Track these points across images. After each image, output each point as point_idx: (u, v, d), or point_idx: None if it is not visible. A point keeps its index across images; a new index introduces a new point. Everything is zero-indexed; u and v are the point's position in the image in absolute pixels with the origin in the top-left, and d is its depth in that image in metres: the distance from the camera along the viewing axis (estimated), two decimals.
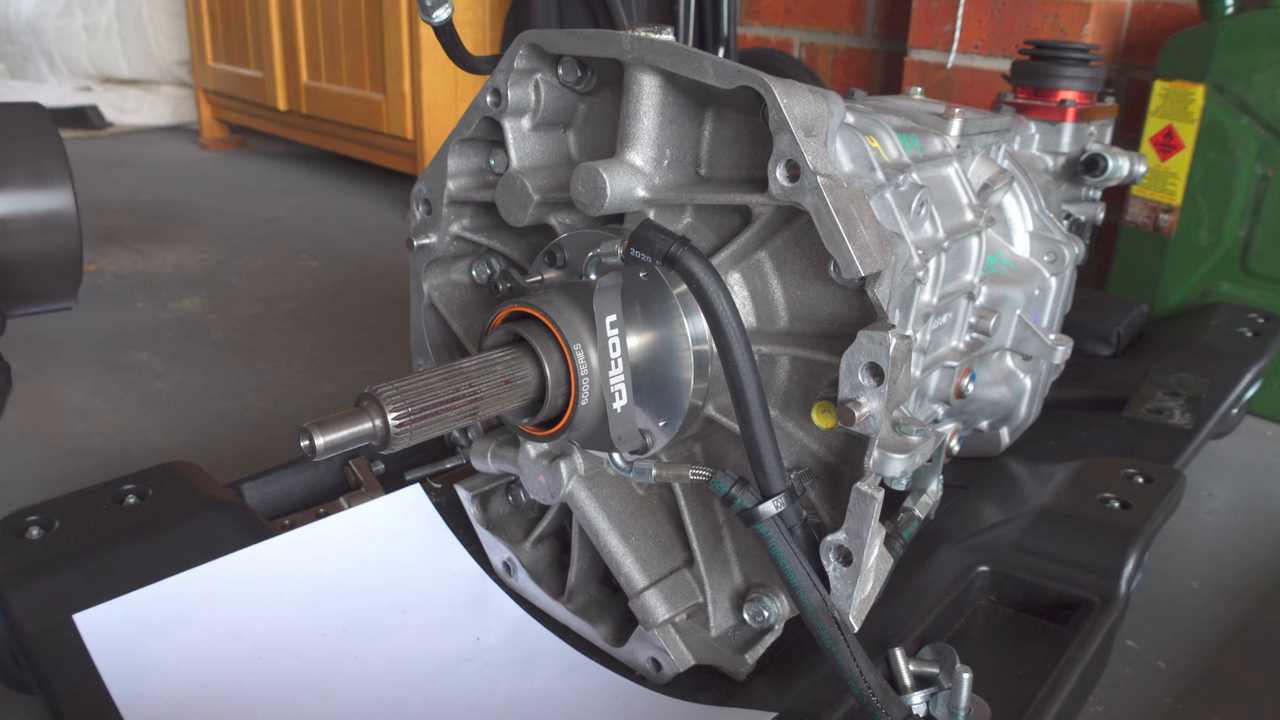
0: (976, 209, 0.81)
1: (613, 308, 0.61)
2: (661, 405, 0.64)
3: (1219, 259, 1.36)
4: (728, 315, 0.56)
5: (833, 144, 0.62)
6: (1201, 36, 1.32)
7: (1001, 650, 0.73)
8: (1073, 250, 0.92)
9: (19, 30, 3.20)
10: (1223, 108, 1.31)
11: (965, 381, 0.83)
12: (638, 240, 0.57)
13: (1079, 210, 1.20)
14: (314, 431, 0.51)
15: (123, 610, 0.69)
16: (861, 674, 0.57)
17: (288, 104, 2.59)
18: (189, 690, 0.67)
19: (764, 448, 0.58)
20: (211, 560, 0.74)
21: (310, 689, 0.69)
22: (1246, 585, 0.96)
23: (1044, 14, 1.56)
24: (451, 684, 0.71)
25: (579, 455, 0.71)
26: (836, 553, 0.59)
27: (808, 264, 0.62)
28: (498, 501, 0.84)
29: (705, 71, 0.59)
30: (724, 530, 0.70)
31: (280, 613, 0.73)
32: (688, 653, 0.70)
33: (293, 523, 0.82)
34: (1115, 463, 0.90)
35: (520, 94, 0.70)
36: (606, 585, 0.79)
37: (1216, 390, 1.10)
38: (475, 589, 0.81)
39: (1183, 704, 0.80)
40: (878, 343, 0.56)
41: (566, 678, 0.72)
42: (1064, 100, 1.16)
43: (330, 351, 1.46)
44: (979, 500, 0.90)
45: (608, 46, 0.64)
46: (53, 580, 0.70)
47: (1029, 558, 0.78)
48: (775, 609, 0.67)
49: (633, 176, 0.64)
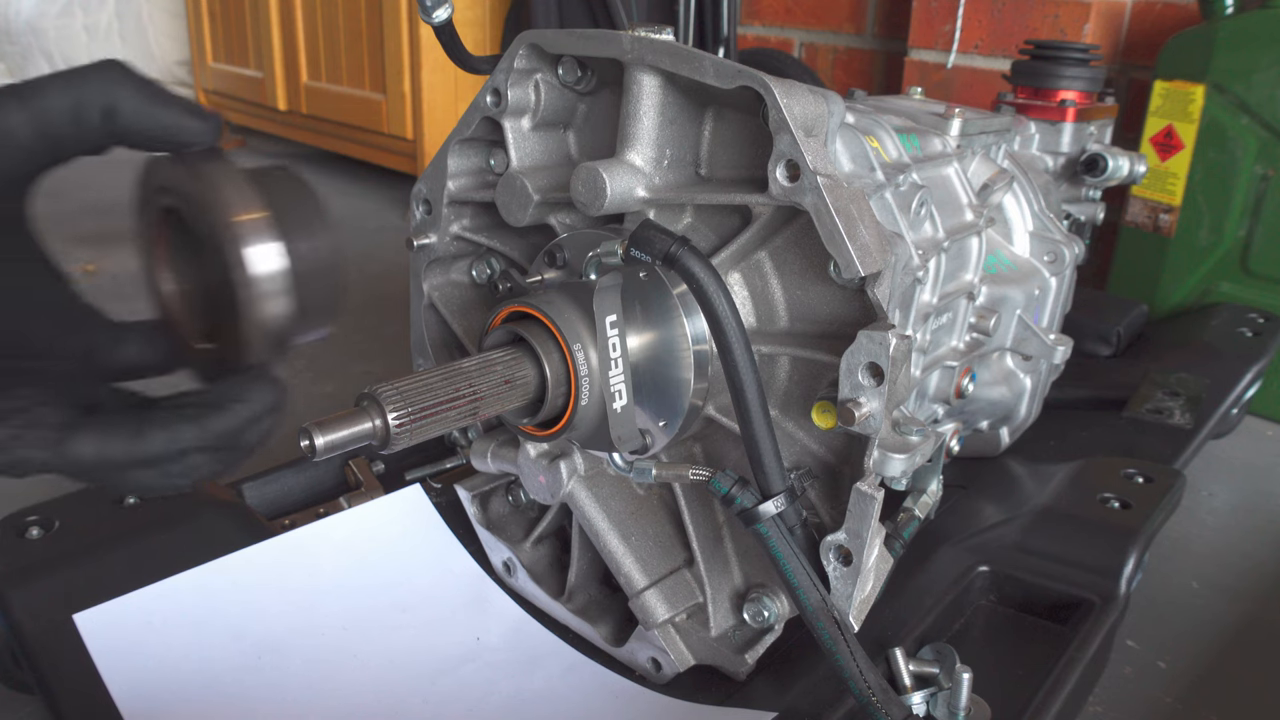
0: (976, 209, 0.81)
1: (613, 308, 0.61)
2: (661, 405, 0.64)
3: (1219, 259, 1.36)
4: (728, 315, 0.56)
5: (833, 144, 0.62)
6: (1201, 36, 1.32)
7: (1001, 650, 0.73)
8: (1073, 250, 0.92)
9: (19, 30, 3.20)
10: (1223, 108, 1.31)
11: (965, 381, 0.83)
12: (638, 240, 0.57)
13: (1079, 210, 1.20)
14: (314, 431, 0.51)
15: (123, 610, 0.69)
16: (861, 674, 0.57)
17: (288, 104, 2.59)
18: (189, 690, 0.67)
19: (764, 448, 0.58)
20: (211, 560, 0.74)
21: (310, 689, 0.69)
22: (1246, 585, 0.96)
23: (1044, 14, 1.56)
24: (451, 684, 0.71)
25: (579, 455, 0.71)
26: (836, 553, 0.59)
27: (808, 264, 0.62)
28: (498, 501, 0.84)
29: (705, 71, 0.59)
30: (724, 530, 0.70)
31: (280, 613, 0.73)
32: (688, 653, 0.70)
33: (293, 523, 0.82)
34: (1115, 463, 0.90)
35: (520, 94, 0.70)
36: (606, 585, 0.79)
37: (1216, 390, 1.10)
38: (475, 589, 0.81)
39: (1183, 704, 0.80)
40: (878, 343, 0.56)
41: (566, 678, 0.72)
42: (1064, 100, 1.16)
43: (329, 351, 1.46)
44: (979, 500, 0.90)
45: (608, 46, 0.64)
46: (53, 580, 0.70)
47: (1029, 558, 0.78)
48: (775, 609, 0.67)
49: (633, 176, 0.64)
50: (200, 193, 0.43)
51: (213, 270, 0.44)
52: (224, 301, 0.44)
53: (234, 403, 0.44)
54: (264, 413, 0.45)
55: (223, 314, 0.45)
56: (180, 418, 0.43)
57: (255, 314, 0.44)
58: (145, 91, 0.41)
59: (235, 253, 0.43)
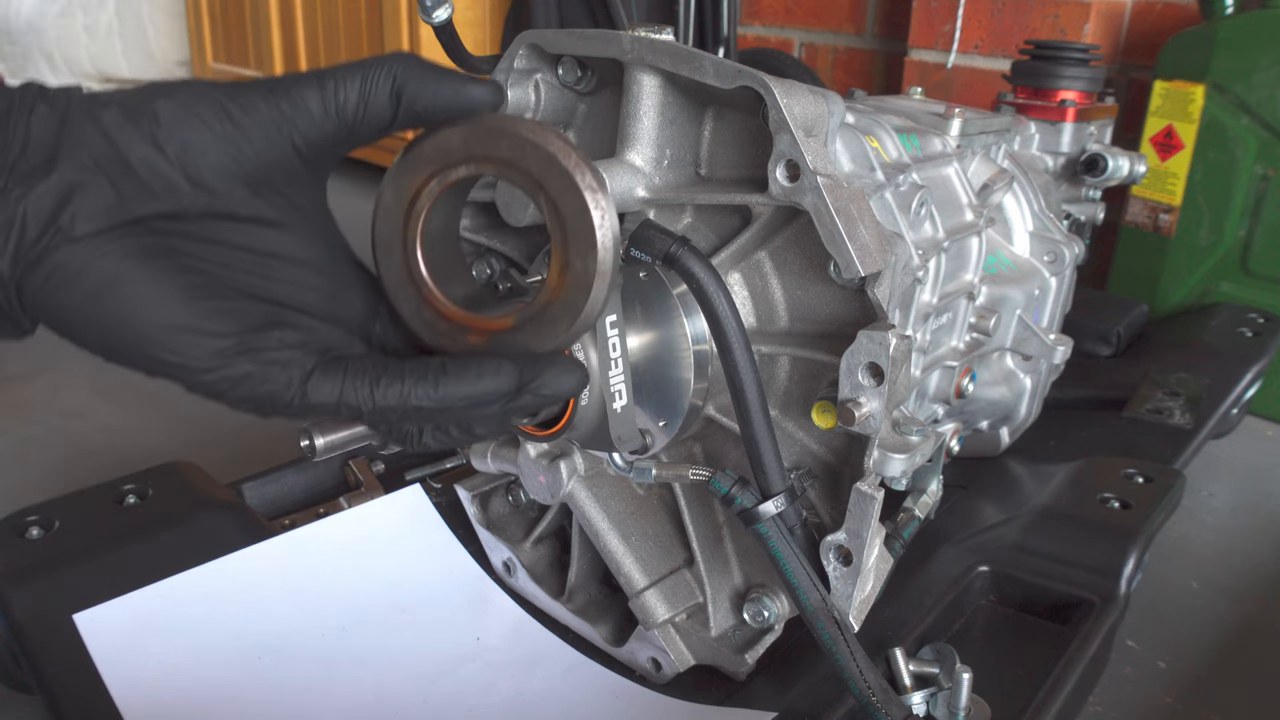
0: (976, 209, 0.81)
1: (613, 308, 0.61)
2: (661, 405, 0.64)
3: (1219, 259, 1.36)
4: (728, 315, 0.56)
5: (833, 144, 0.62)
6: (1201, 36, 1.32)
7: (1001, 650, 0.73)
8: (1073, 250, 0.92)
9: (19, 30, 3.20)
10: (1223, 108, 1.31)
11: (965, 381, 0.83)
12: (638, 240, 0.57)
13: (1079, 210, 1.20)
14: (314, 432, 0.51)
15: (123, 610, 0.69)
16: (861, 674, 0.57)
17: None
18: (189, 690, 0.67)
19: (764, 448, 0.58)
20: (211, 560, 0.74)
21: (310, 689, 0.69)
22: (1246, 585, 0.96)
23: (1044, 14, 1.56)
24: (451, 684, 0.71)
25: (579, 455, 0.71)
26: (836, 553, 0.59)
27: (808, 264, 0.62)
28: (498, 501, 0.84)
29: (705, 71, 0.59)
30: (724, 530, 0.70)
31: (280, 613, 0.73)
32: (688, 653, 0.70)
33: (293, 523, 0.82)
34: (1115, 463, 0.90)
35: (520, 94, 0.70)
36: (606, 585, 0.79)
37: (1216, 390, 1.10)
38: (475, 589, 0.81)
39: (1183, 704, 0.80)
40: (878, 343, 0.56)
41: (566, 678, 0.72)
42: (1064, 100, 1.16)
43: None
44: (979, 500, 0.90)
45: (608, 46, 0.64)
46: (53, 580, 0.71)
47: (1029, 558, 0.78)
48: (775, 609, 0.67)
49: (633, 176, 0.64)
50: (529, 138, 0.44)
51: (551, 221, 0.45)
52: (569, 240, 0.44)
53: (492, 374, 0.46)
54: (533, 391, 0.47)
55: (561, 258, 0.45)
56: (421, 379, 0.45)
57: (606, 242, 0.44)
58: (428, 71, 0.44)
59: (584, 181, 0.43)
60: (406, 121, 0.45)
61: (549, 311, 0.46)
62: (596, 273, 0.44)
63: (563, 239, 0.45)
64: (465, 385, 0.45)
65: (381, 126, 0.45)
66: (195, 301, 0.42)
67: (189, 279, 0.43)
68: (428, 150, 0.47)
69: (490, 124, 0.45)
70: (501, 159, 0.45)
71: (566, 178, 0.44)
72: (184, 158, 0.41)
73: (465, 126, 0.46)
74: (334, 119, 0.44)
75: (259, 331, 0.44)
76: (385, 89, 0.44)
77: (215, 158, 0.42)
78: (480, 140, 0.45)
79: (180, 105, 0.41)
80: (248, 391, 0.43)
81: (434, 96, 0.44)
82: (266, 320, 0.44)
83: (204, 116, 0.42)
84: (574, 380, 0.48)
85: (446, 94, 0.44)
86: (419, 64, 0.44)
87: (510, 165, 0.45)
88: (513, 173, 0.45)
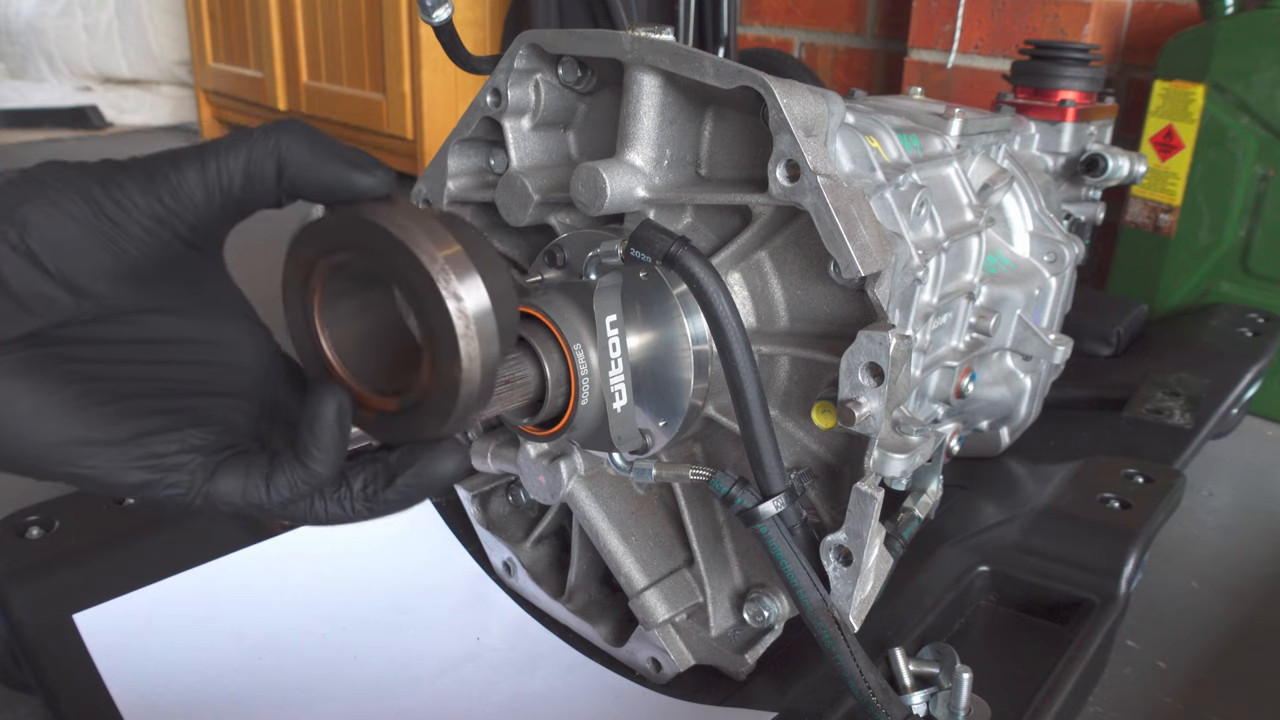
0: (976, 209, 0.81)
1: (613, 308, 0.61)
2: (661, 405, 0.64)
3: (1219, 259, 1.36)
4: (728, 315, 0.56)
5: (833, 144, 0.62)
6: (1201, 36, 1.32)
7: (1001, 650, 0.73)
8: (1073, 250, 0.92)
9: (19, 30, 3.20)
10: (1223, 108, 1.31)
11: (965, 381, 0.83)
12: (638, 240, 0.57)
13: (1079, 210, 1.20)
14: None
15: (123, 610, 0.69)
16: (861, 674, 0.57)
17: (288, 104, 2.59)
18: (189, 690, 0.67)
19: (764, 448, 0.58)
20: (211, 560, 0.74)
21: (310, 689, 0.69)
22: (1246, 585, 0.96)
23: (1044, 14, 1.56)
24: (451, 684, 0.71)
25: (579, 455, 0.71)
26: (836, 553, 0.59)
27: (808, 264, 0.62)
28: (498, 501, 0.84)
29: (705, 71, 0.59)
30: (724, 530, 0.70)
31: (280, 613, 0.74)
32: (688, 653, 0.70)
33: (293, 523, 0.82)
34: (1115, 463, 0.90)
35: (520, 94, 0.70)
36: (606, 585, 0.79)
37: (1216, 390, 1.10)
38: (475, 589, 0.81)
39: (1183, 704, 0.80)
40: (878, 343, 0.56)
41: (566, 678, 0.72)
42: (1064, 100, 1.16)
43: None
44: (979, 500, 0.90)
45: (608, 46, 0.64)
46: (53, 580, 0.71)
47: (1029, 558, 0.78)
48: (775, 609, 0.67)
49: (633, 176, 0.64)
50: (394, 235, 0.41)
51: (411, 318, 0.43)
52: (435, 345, 0.42)
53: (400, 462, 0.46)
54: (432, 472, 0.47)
55: (414, 364, 0.44)
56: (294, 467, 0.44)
57: (471, 352, 0.42)
58: (318, 150, 0.42)
59: (449, 288, 0.41)
60: (291, 196, 0.43)
61: (425, 405, 0.45)
62: (462, 381, 0.42)
63: (430, 343, 0.43)
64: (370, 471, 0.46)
65: (271, 203, 0.43)
66: (87, 409, 0.41)
67: (80, 387, 0.41)
68: (314, 229, 0.45)
69: (366, 214, 0.42)
70: (370, 251, 0.43)
71: (429, 284, 0.41)
72: (60, 266, 0.39)
73: (345, 213, 0.43)
74: (219, 199, 0.42)
75: (158, 434, 0.42)
76: (271, 168, 0.42)
77: (95, 261, 0.39)
78: (353, 231, 0.43)
79: (50, 204, 0.39)
80: (150, 496, 0.42)
81: (318, 180, 0.42)
82: (166, 421, 0.43)
83: (77, 216, 0.39)
84: (451, 465, 0.46)
85: (329, 179, 0.42)
86: (309, 140, 0.42)
87: (380, 259, 0.42)
88: (382, 268, 0.43)
